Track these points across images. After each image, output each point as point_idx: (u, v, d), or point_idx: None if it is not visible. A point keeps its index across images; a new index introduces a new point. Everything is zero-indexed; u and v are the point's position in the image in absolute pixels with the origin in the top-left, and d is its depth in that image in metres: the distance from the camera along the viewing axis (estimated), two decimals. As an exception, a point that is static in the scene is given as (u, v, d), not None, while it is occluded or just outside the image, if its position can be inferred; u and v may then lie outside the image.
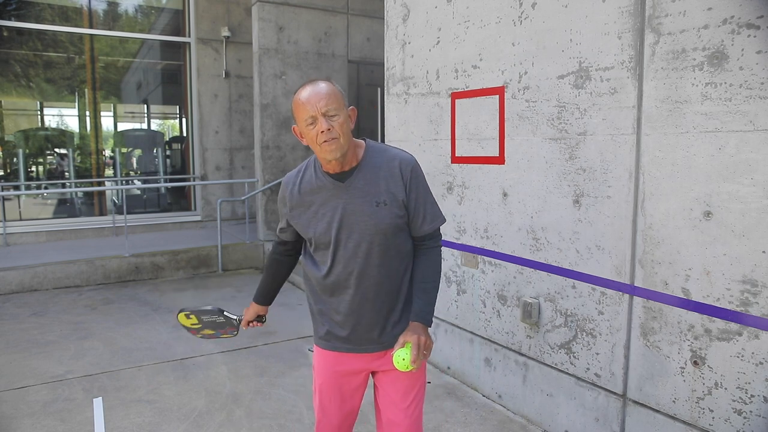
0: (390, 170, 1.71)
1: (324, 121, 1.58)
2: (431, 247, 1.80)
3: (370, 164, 1.71)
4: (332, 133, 1.59)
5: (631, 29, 2.39)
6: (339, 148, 1.61)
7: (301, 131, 1.67)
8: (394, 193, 1.69)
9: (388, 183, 1.69)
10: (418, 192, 1.73)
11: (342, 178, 1.69)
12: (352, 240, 1.69)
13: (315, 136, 1.60)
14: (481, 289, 3.36)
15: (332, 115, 1.60)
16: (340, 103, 1.62)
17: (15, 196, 8.03)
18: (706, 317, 2.19)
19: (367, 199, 1.68)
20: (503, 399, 3.26)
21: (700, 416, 2.24)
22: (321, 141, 1.59)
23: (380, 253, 1.70)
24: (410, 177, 1.72)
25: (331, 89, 1.62)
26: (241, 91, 8.85)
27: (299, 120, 1.64)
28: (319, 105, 1.58)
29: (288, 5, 7.07)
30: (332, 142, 1.59)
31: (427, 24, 3.59)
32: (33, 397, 3.41)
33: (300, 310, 5.34)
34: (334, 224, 1.68)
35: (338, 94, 1.63)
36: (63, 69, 8.53)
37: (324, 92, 1.60)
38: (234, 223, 8.84)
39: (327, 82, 1.64)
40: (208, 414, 3.20)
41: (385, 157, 1.72)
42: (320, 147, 1.61)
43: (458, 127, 3.41)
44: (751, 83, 1.98)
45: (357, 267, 1.70)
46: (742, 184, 2.03)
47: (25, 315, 5.14)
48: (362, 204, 1.68)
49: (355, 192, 1.68)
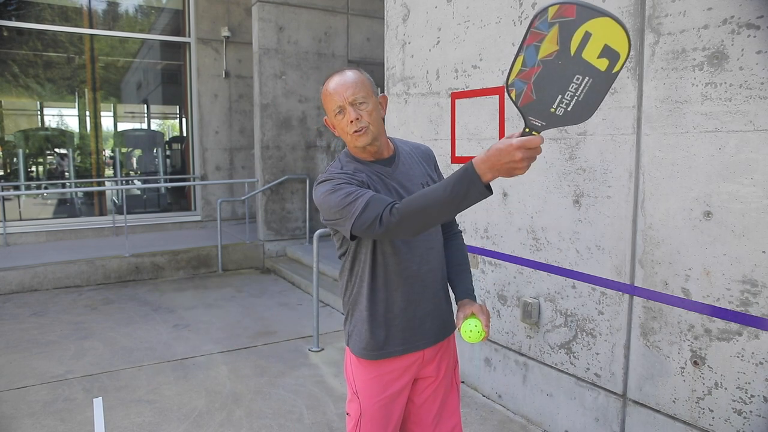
0: (420, 155, 1.78)
1: (352, 110, 1.56)
2: (457, 231, 1.88)
3: (404, 151, 1.75)
4: (361, 122, 1.57)
5: (631, 29, 2.39)
6: (370, 135, 1.58)
7: (331, 122, 1.64)
8: (430, 176, 1.75)
9: (423, 167, 1.75)
10: (442, 177, 1.80)
11: (388, 164, 1.68)
12: None
13: (345, 126, 1.58)
14: (481, 289, 3.36)
15: (360, 102, 1.57)
16: (369, 90, 1.60)
17: (15, 196, 8.03)
18: (706, 317, 2.19)
19: (413, 182, 1.69)
20: (503, 399, 3.26)
21: (700, 416, 2.24)
22: (351, 131, 1.57)
23: (434, 237, 1.72)
24: (435, 162, 1.82)
25: (359, 77, 1.60)
26: (241, 91, 8.85)
27: (329, 110, 1.61)
28: (347, 94, 1.56)
29: (288, 5, 7.07)
30: (362, 131, 1.57)
31: (427, 24, 3.59)
32: (33, 397, 3.41)
33: (300, 310, 5.35)
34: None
35: (366, 81, 1.61)
36: (63, 69, 8.53)
37: (351, 81, 1.58)
38: (234, 223, 8.84)
39: (354, 71, 1.62)
40: (208, 414, 3.20)
41: (409, 146, 1.79)
42: (351, 137, 1.59)
43: (458, 127, 3.41)
44: (751, 83, 1.98)
45: (418, 250, 1.67)
46: (742, 184, 2.03)
47: (25, 315, 5.14)
48: (412, 186, 1.67)
49: (401, 176, 1.68)
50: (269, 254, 7.31)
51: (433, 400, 1.77)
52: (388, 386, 1.69)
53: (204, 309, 5.35)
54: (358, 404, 1.71)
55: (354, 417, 1.72)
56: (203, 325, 4.83)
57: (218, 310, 5.31)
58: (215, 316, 5.13)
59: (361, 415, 1.70)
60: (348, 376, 1.76)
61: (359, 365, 1.71)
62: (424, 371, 1.75)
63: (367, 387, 1.70)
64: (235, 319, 5.01)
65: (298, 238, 7.53)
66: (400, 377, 1.70)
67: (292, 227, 7.51)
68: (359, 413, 1.70)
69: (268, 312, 5.26)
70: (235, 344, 4.36)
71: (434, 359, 1.76)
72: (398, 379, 1.70)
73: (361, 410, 1.70)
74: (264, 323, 4.91)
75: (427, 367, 1.75)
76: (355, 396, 1.72)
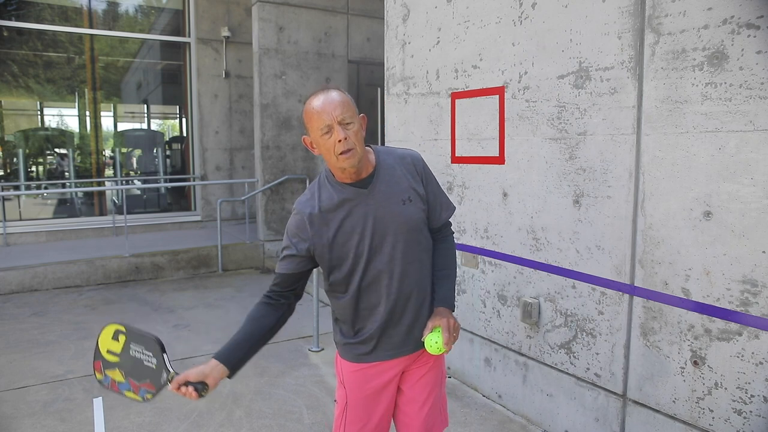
0: (405, 167, 1.73)
1: (340, 130, 1.55)
2: (447, 235, 1.86)
3: (385, 166, 1.71)
4: (348, 143, 1.55)
5: (631, 29, 2.39)
6: (356, 156, 1.57)
7: (314, 141, 1.62)
8: (415, 189, 1.72)
9: (408, 181, 1.71)
10: (432, 184, 1.78)
11: (363, 185, 1.66)
12: (388, 243, 1.66)
13: (332, 146, 1.56)
14: (481, 289, 3.36)
15: (347, 123, 1.57)
16: (353, 111, 1.60)
17: (15, 196, 8.03)
18: (706, 317, 2.19)
19: (393, 200, 1.67)
20: (503, 399, 3.26)
21: (700, 416, 2.24)
22: (338, 151, 1.55)
23: (414, 251, 1.71)
24: (423, 171, 1.76)
25: (344, 97, 1.59)
26: (241, 91, 8.85)
27: (313, 129, 1.59)
28: (335, 113, 1.55)
29: (288, 5, 7.07)
30: (349, 153, 1.56)
31: (427, 24, 3.59)
32: (33, 397, 3.41)
33: (300, 310, 5.32)
34: (368, 232, 1.64)
35: (351, 102, 1.61)
36: (63, 69, 8.53)
37: (338, 100, 1.57)
38: (234, 223, 8.84)
39: (338, 90, 1.61)
40: (208, 414, 3.20)
41: (394, 157, 1.74)
42: (337, 158, 1.57)
43: (458, 127, 3.41)
44: (751, 83, 1.98)
45: (397, 268, 1.68)
46: (742, 184, 2.03)
47: (25, 315, 5.14)
48: (389, 205, 1.66)
49: (379, 196, 1.66)
50: (269, 254, 7.31)
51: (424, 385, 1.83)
52: (372, 379, 1.76)
53: (204, 309, 5.35)
54: (344, 392, 1.79)
55: (341, 404, 1.81)
56: (203, 325, 4.83)
57: (218, 310, 5.31)
58: (215, 316, 5.13)
59: (347, 404, 1.78)
60: (337, 365, 1.85)
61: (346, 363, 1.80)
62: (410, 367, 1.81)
63: (352, 379, 1.77)
64: (235, 319, 5.01)
65: (298, 238, 7.51)
66: (385, 372, 1.76)
67: (292, 227, 7.50)
68: (345, 401, 1.79)
69: (268, 312, 5.25)
70: (235, 344, 4.35)
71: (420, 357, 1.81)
72: (384, 374, 1.76)
73: (347, 399, 1.78)
74: (264, 323, 4.90)
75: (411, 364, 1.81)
76: (342, 385, 1.81)
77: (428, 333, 1.66)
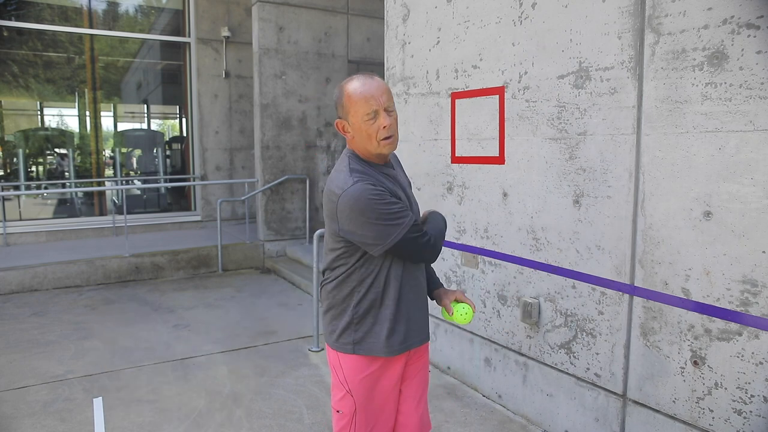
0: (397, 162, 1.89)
1: (386, 116, 1.58)
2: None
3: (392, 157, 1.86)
4: (392, 129, 1.60)
5: (631, 29, 2.39)
6: (395, 143, 1.65)
7: (354, 125, 1.61)
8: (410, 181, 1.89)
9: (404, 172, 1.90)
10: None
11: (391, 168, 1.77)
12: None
13: (375, 132, 1.58)
14: (481, 289, 3.36)
15: (391, 110, 1.61)
16: (393, 100, 1.71)
17: (15, 196, 8.03)
18: (706, 317, 2.19)
19: (406, 185, 1.81)
20: (503, 399, 3.26)
21: (700, 416, 2.24)
22: (382, 137, 1.59)
23: None
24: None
25: (387, 85, 1.66)
26: (241, 91, 8.85)
27: (357, 113, 1.58)
28: (383, 99, 1.58)
29: (288, 5, 7.07)
30: (391, 139, 1.61)
31: (427, 24, 3.59)
32: (33, 397, 3.41)
33: (300, 310, 5.35)
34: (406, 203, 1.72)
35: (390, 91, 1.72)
36: (63, 69, 8.53)
37: (384, 87, 1.61)
38: (234, 223, 8.84)
39: (379, 78, 1.66)
40: (208, 414, 3.21)
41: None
42: (379, 143, 1.60)
43: (458, 127, 3.41)
44: (751, 83, 1.98)
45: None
46: (742, 184, 2.03)
47: (25, 315, 5.14)
48: (406, 188, 1.80)
49: (401, 180, 1.79)
50: (269, 254, 7.31)
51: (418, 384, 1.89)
52: (380, 381, 1.77)
53: (204, 309, 5.35)
54: (351, 401, 1.75)
55: (347, 413, 1.77)
56: (203, 325, 4.83)
57: (218, 310, 5.31)
58: (215, 316, 5.13)
59: (356, 411, 1.76)
60: (338, 375, 1.79)
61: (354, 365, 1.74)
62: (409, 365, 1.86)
63: (361, 385, 1.75)
64: (235, 319, 5.01)
65: (298, 238, 7.52)
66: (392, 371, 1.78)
67: (292, 227, 7.51)
68: (353, 409, 1.76)
69: (268, 312, 5.26)
70: (235, 344, 4.36)
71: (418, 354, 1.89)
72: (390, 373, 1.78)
73: (356, 406, 1.76)
74: (264, 323, 4.91)
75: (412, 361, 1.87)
76: (349, 395, 1.76)
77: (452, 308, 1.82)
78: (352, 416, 1.77)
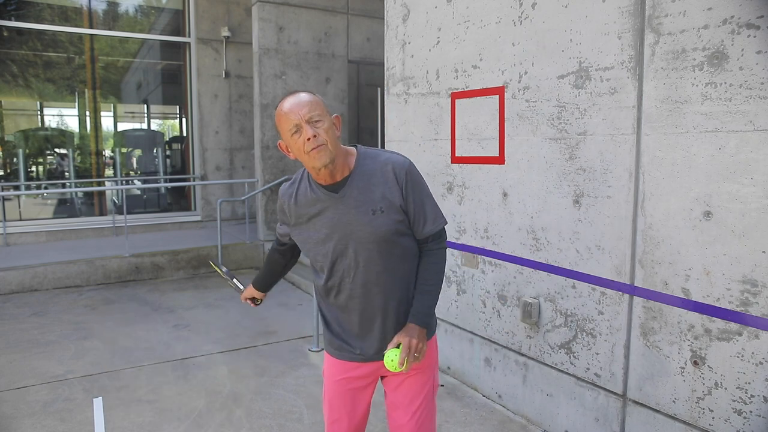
0: (384, 176, 1.65)
1: (309, 127, 1.56)
2: (434, 249, 1.76)
3: (363, 172, 1.66)
4: (318, 139, 1.55)
5: (631, 29, 2.39)
6: (327, 154, 1.57)
7: (287, 143, 1.63)
8: (390, 200, 1.64)
9: (383, 189, 1.64)
10: (416, 194, 1.69)
11: (335, 189, 1.65)
12: (350, 250, 1.66)
13: (302, 145, 1.57)
14: (481, 289, 3.36)
15: (316, 120, 1.57)
16: (323, 109, 1.60)
17: (15, 196, 8.03)
18: (706, 317, 2.19)
19: (362, 209, 1.64)
20: (503, 399, 3.26)
21: (700, 416, 2.24)
22: (309, 149, 1.56)
23: (383, 260, 1.67)
24: (405, 180, 1.66)
25: (313, 97, 1.61)
26: (241, 91, 8.85)
27: (284, 131, 1.61)
28: (302, 112, 1.56)
29: (288, 5, 7.07)
30: (320, 149, 1.56)
31: (427, 24, 3.59)
32: (33, 397, 3.41)
33: (300, 310, 5.35)
34: (333, 236, 1.66)
35: (320, 101, 1.61)
36: (63, 69, 8.53)
37: (306, 100, 1.59)
38: (234, 223, 8.84)
39: (307, 92, 1.63)
40: (208, 414, 3.21)
41: (378, 163, 1.67)
42: (308, 156, 1.57)
43: (458, 127, 3.41)
44: (751, 83, 1.98)
45: (360, 277, 1.68)
46: (742, 184, 2.03)
47: (25, 315, 5.14)
48: (357, 214, 1.64)
49: (349, 202, 1.64)
50: (269, 254, 7.31)
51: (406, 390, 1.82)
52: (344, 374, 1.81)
53: (204, 309, 5.35)
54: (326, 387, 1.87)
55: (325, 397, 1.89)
56: (203, 325, 4.83)
57: (218, 310, 5.31)
58: (215, 316, 5.13)
59: (324, 396, 1.88)
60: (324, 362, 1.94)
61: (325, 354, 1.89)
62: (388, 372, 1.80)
63: (329, 371, 1.85)
64: (235, 319, 5.01)
65: (298, 238, 7.52)
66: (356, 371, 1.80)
67: (292, 227, 7.50)
68: (324, 395, 1.89)
69: (268, 312, 5.26)
70: (235, 344, 4.36)
71: None
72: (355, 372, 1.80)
73: (324, 391, 1.88)
74: (264, 323, 4.91)
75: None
76: (323, 375, 1.90)
77: (391, 347, 1.64)
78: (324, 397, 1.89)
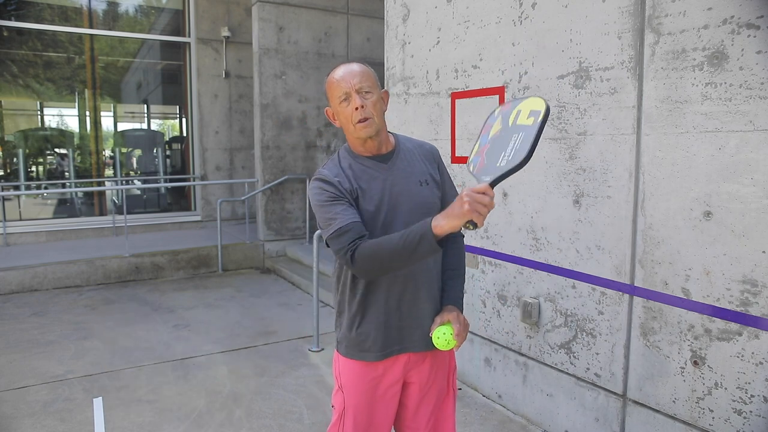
0: (423, 153, 1.75)
1: (358, 97, 1.57)
2: (458, 235, 1.80)
3: (405, 148, 1.73)
4: (366, 111, 1.57)
5: (631, 29, 2.39)
6: (374, 126, 1.59)
7: (334, 111, 1.64)
8: (432, 174, 1.72)
9: (425, 164, 1.73)
10: (446, 176, 1.79)
11: (384, 160, 1.67)
12: (400, 220, 1.62)
13: (350, 115, 1.58)
14: (481, 289, 3.36)
15: (366, 92, 1.58)
16: (374, 82, 1.61)
17: (15, 196, 8.03)
18: (706, 317, 2.19)
19: (411, 179, 1.67)
20: (503, 399, 3.26)
21: (700, 416, 2.24)
22: (356, 120, 1.57)
23: None
24: (440, 161, 1.78)
25: (365, 68, 1.62)
26: (241, 91, 8.85)
27: (332, 98, 1.61)
28: (353, 81, 1.57)
29: (288, 5, 7.07)
30: (367, 122, 1.57)
31: (427, 24, 3.59)
32: (33, 397, 3.41)
33: (300, 310, 5.35)
34: (383, 206, 1.63)
35: (372, 74, 1.63)
36: (63, 69, 8.53)
37: (358, 70, 1.60)
38: (234, 223, 8.84)
39: (360, 63, 1.64)
40: (208, 414, 3.21)
41: (413, 143, 1.77)
42: (354, 127, 1.58)
43: (458, 127, 3.41)
44: (751, 83, 1.98)
45: None
46: (742, 184, 2.03)
47: (25, 315, 5.14)
48: (408, 184, 1.66)
49: (398, 173, 1.67)
50: (269, 254, 7.31)
51: (427, 404, 1.77)
52: (372, 380, 1.69)
53: (204, 309, 5.35)
54: (342, 398, 1.72)
55: (338, 409, 1.74)
56: (203, 325, 4.83)
57: (218, 310, 5.31)
58: (215, 316, 5.13)
59: (345, 409, 1.72)
60: (335, 369, 1.78)
61: (346, 362, 1.71)
62: (414, 375, 1.74)
63: (352, 383, 1.71)
64: (235, 319, 5.01)
65: (298, 238, 7.53)
66: (385, 376, 1.70)
67: (292, 227, 7.51)
68: (343, 407, 1.72)
69: (268, 312, 5.26)
70: (235, 344, 4.36)
71: (424, 363, 1.74)
72: (385, 376, 1.69)
73: (345, 404, 1.71)
74: (264, 323, 4.91)
75: (416, 370, 1.73)
76: (340, 390, 1.74)
77: (435, 327, 1.63)
78: (341, 414, 1.73)
